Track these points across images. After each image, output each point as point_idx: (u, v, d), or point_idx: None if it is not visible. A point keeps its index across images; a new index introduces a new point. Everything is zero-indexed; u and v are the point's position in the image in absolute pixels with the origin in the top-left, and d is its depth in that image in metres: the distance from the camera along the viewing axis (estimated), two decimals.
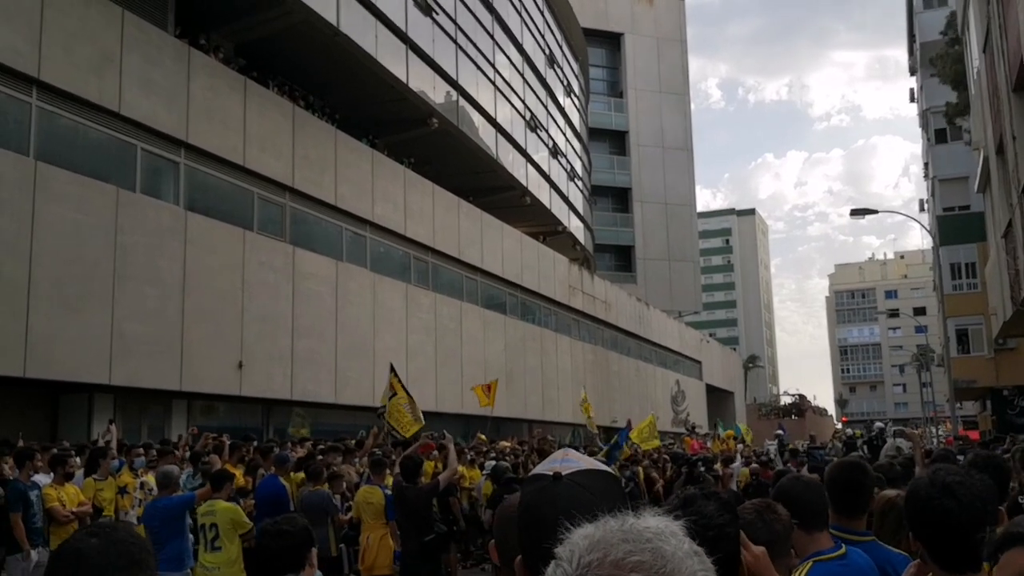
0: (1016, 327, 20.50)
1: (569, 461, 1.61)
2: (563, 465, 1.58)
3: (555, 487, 1.54)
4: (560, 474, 1.55)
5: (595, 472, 1.59)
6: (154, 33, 18.04)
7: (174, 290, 17.68)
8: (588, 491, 1.52)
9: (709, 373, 63.91)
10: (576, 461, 1.61)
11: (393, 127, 27.74)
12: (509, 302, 33.69)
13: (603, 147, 61.08)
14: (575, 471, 1.57)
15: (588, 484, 1.54)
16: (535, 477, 1.61)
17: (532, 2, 39.88)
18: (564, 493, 1.52)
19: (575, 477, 1.55)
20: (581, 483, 1.54)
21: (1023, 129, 15.28)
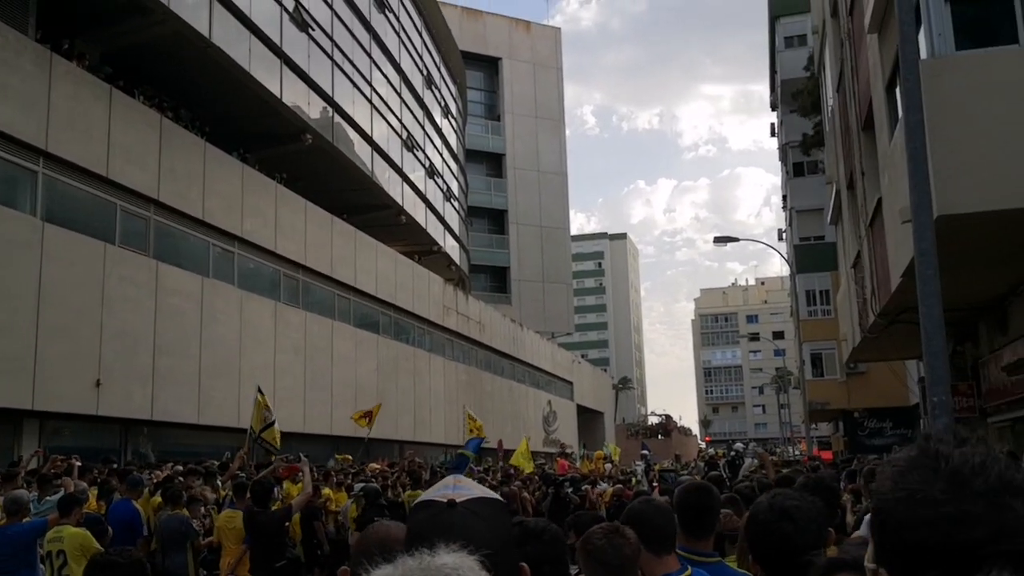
0: (864, 353, 21.57)
1: (461, 488, 1.58)
2: (456, 492, 1.56)
3: (449, 515, 1.51)
4: (455, 501, 1.53)
5: (487, 500, 1.58)
6: (12, 36, 17.24)
7: (27, 304, 16.87)
8: (481, 519, 1.51)
9: (580, 394, 64.84)
10: (468, 488, 1.59)
11: (265, 142, 27.25)
12: (382, 321, 33.44)
13: (480, 169, 61.52)
14: (468, 499, 1.55)
15: (481, 512, 1.53)
16: (427, 504, 1.57)
17: (410, 23, 39.95)
18: (458, 521, 1.50)
19: (469, 505, 1.53)
20: (475, 511, 1.52)
21: (871, 165, 16.17)
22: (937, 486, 1.10)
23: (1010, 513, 1.06)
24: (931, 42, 10.61)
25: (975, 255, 11.72)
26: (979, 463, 1.11)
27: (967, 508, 1.08)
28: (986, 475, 1.09)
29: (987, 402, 16.14)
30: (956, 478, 1.10)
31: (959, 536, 1.06)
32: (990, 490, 1.08)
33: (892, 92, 13.15)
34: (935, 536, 1.08)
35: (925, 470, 1.13)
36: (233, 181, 23.97)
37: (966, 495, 1.08)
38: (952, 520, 1.07)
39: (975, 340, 16.87)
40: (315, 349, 27.52)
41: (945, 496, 1.09)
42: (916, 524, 1.10)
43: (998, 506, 1.07)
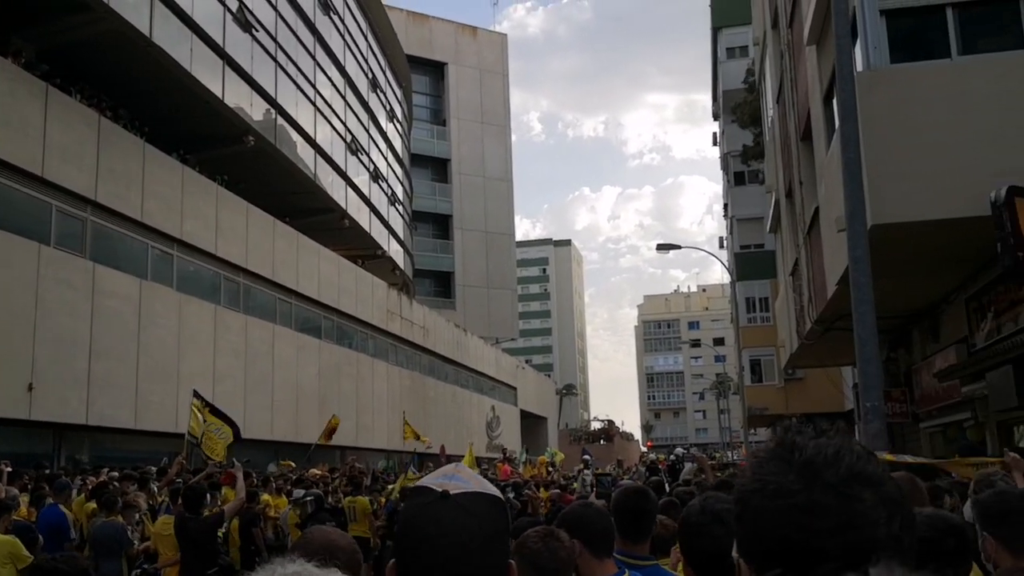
0: (802, 359, 21.97)
1: (459, 479, 1.56)
2: (452, 483, 1.53)
3: (441, 506, 1.49)
4: (448, 492, 1.50)
5: (482, 496, 1.54)
6: None
7: None
8: (473, 515, 1.49)
9: (524, 399, 64.95)
10: (466, 480, 1.56)
11: (207, 143, 26.86)
12: (324, 326, 33.16)
13: (425, 173, 61.39)
14: (463, 492, 1.52)
15: (473, 508, 1.50)
16: (422, 490, 1.54)
17: (356, 26, 39.75)
18: (449, 514, 1.48)
19: (462, 499, 1.50)
20: (467, 506, 1.50)
21: (809, 175, 16.49)
22: (789, 477, 1.11)
23: (859, 504, 1.08)
24: (867, 55, 10.87)
25: (908, 264, 12.02)
26: (832, 454, 1.12)
27: (817, 498, 1.08)
28: (837, 466, 1.10)
29: (919, 407, 16.54)
30: (808, 469, 1.11)
31: (808, 526, 1.07)
32: (841, 481, 1.08)
33: (829, 103, 13.43)
34: (785, 526, 1.09)
35: (780, 461, 1.14)
36: (173, 182, 23.60)
37: (817, 485, 1.09)
38: (802, 510, 1.08)
39: (908, 347, 17.28)
40: (256, 353, 27.19)
41: (797, 487, 1.10)
42: (768, 514, 1.11)
43: (847, 497, 1.08)
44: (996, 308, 12.16)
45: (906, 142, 10.40)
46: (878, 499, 1.09)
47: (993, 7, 11.16)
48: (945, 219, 10.23)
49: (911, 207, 10.25)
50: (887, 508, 1.09)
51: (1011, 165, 9.88)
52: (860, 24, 11.01)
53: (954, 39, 10.93)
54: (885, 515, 1.08)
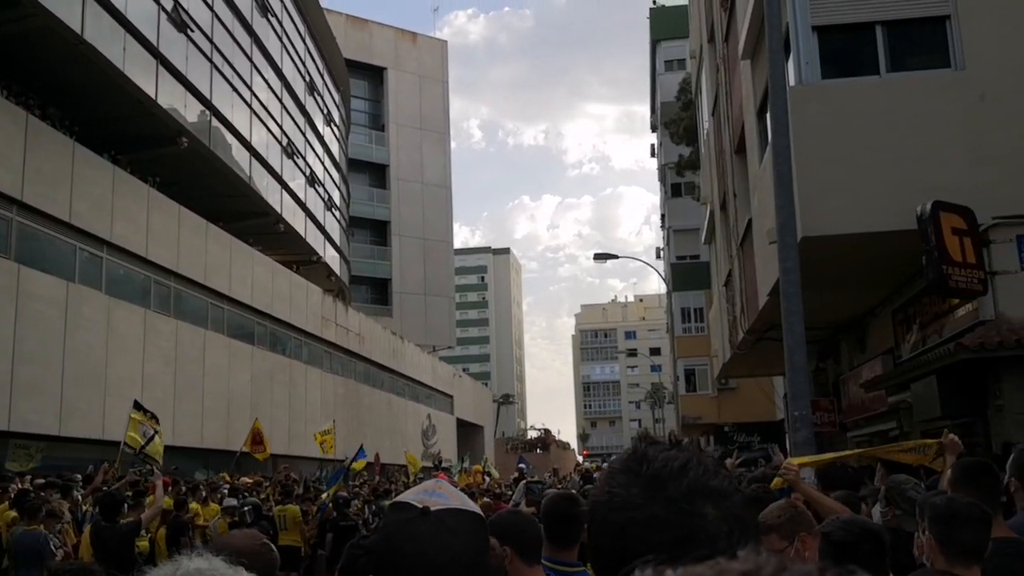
0: (734, 369, 22.29)
1: (440, 495, 1.55)
2: (434, 499, 1.52)
3: (422, 522, 1.48)
4: (429, 509, 1.49)
5: (463, 513, 1.53)
6: None
7: None
8: (454, 533, 1.47)
9: (461, 407, 64.80)
10: (447, 497, 1.56)
11: (139, 144, 26.31)
12: (258, 332, 32.69)
13: (363, 179, 60.98)
14: (444, 508, 1.51)
15: (455, 526, 1.49)
16: (403, 506, 1.53)
17: (294, 28, 39.37)
18: (429, 530, 1.46)
19: (443, 515, 1.49)
20: (448, 523, 1.49)
21: (743, 187, 16.76)
22: (634, 490, 1.11)
23: (699, 519, 1.07)
24: (799, 70, 11.09)
25: (837, 276, 12.27)
26: (678, 467, 1.11)
27: (657, 512, 1.08)
28: (682, 479, 1.10)
29: (846, 417, 16.88)
30: (653, 482, 1.10)
31: (647, 540, 1.07)
32: (683, 495, 1.08)
33: (763, 117, 13.66)
34: (625, 539, 1.08)
35: (629, 473, 1.13)
36: (103, 183, 23.07)
37: (659, 499, 1.08)
38: (641, 524, 1.08)
39: (836, 358, 17.63)
40: (186, 359, 26.67)
41: (640, 500, 1.10)
42: (612, 527, 1.10)
43: (688, 512, 1.07)
44: (921, 320, 12.48)
45: (836, 156, 10.62)
46: (720, 514, 1.08)
47: (921, 26, 11.47)
48: (873, 232, 10.47)
49: (840, 220, 10.47)
50: (728, 523, 1.08)
51: (936, 181, 10.16)
52: (793, 39, 11.22)
53: (883, 56, 11.20)
54: (726, 530, 1.07)
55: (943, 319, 11.67)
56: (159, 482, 9.94)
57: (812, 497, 4.89)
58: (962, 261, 9.73)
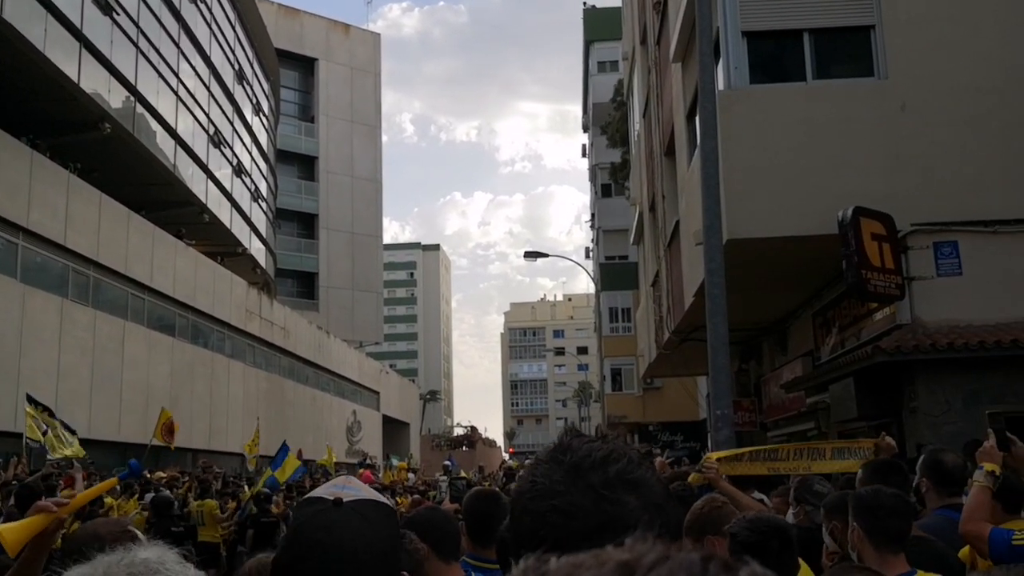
0: (659, 369, 22.54)
1: (351, 488, 1.56)
2: (344, 492, 1.54)
3: (334, 512, 1.49)
4: (341, 500, 1.51)
5: (374, 503, 1.55)
6: None
7: None
8: (367, 521, 1.49)
9: (387, 404, 64.39)
10: (357, 490, 1.57)
11: (59, 129, 25.51)
12: (179, 324, 31.99)
13: (291, 171, 60.18)
14: (356, 499, 1.53)
15: (367, 514, 1.51)
16: (313, 500, 1.55)
17: (224, 16, 38.63)
18: (341, 520, 1.48)
19: (355, 505, 1.51)
20: (361, 512, 1.50)
21: (671, 189, 16.94)
22: (556, 477, 1.12)
23: (619, 508, 1.08)
24: (728, 74, 11.23)
25: (760, 278, 12.47)
26: (601, 458, 1.12)
27: (576, 500, 1.09)
28: (605, 469, 1.11)
29: (767, 417, 17.19)
30: (575, 471, 1.11)
31: (565, 527, 1.07)
32: (605, 483, 1.09)
33: (692, 120, 13.82)
34: (544, 527, 1.09)
35: (553, 463, 1.14)
36: (20, 168, 22.31)
37: (579, 487, 1.09)
38: (559, 511, 1.09)
39: (759, 359, 17.94)
40: (104, 350, 25.97)
41: (560, 487, 1.10)
42: (531, 515, 1.11)
43: (608, 499, 1.08)
44: (840, 323, 12.76)
45: (761, 160, 10.79)
46: (641, 504, 1.09)
47: (847, 35, 11.72)
48: (795, 236, 10.67)
49: (764, 223, 10.64)
50: (648, 512, 1.09)
51: (858, 187, 10.39)
52: (723, 44, 11.37)
53: (809, 63, 11.42)
54: (646, 518, 1.08)
55: (861, 322, 11.95)
56: (78, 475, 9.64)
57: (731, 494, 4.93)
58: (881, 266, 9.97)
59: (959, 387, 10.10)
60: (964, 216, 10.56)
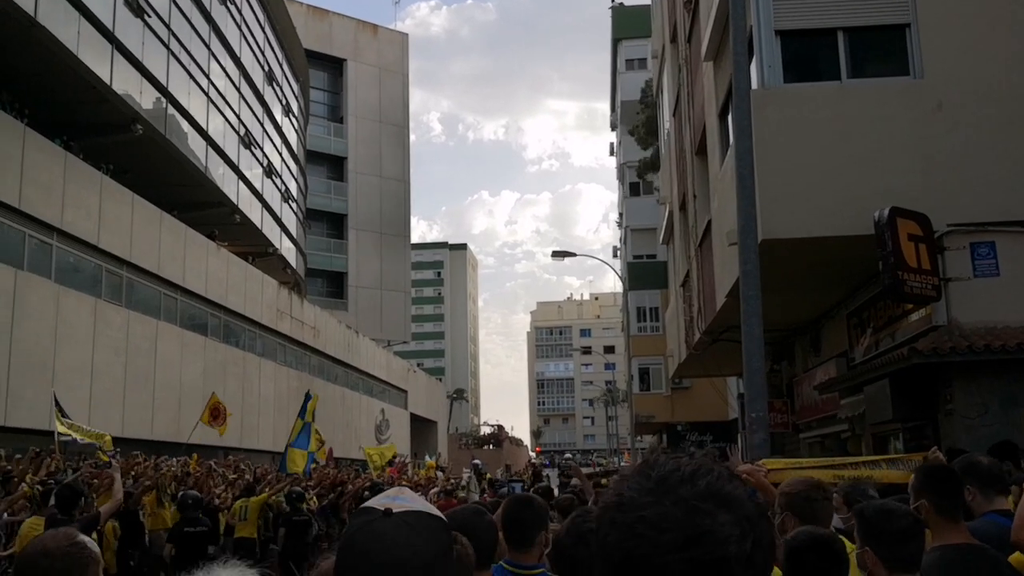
0: (689, 369, 22.44)
1: (402, 499, 1.59)
2: (396, 503, 1.56)
3: (383, 523, 1.50)
4: (391, 510, 1.52)
5: (425, 515, 1.57)
6: None
7: None
8: (416, 532, 1.51)
9: (414, 402, 64.58)
10: (410, 500, 1.59)
11: (92, 130, 25.79)
12: (211, 323, 32.26)
13: (320, 171, 60.50)
14: (406, 510, 1.55)
15: (416, 525, 1.52)
16: (364, 510, 1.57)
17: (253, 17, 38.89)
18: (391, 531, 1.49)
19: (405, 516, 1.53)
20: (410, 523, 1.52)
21: (703, 189, 16.85)
22: (645, 488, 1.12)
23: (709, 521, 1.07)
24: (762, 73, 11.15)
25: (794, 279, 12.38)
26: (690, 472, 1.12)
27: (665, 512, 1.08)
28: (694, 483, 1.10)
29: (800, 418, 17.06)
30: (663, 485, 1.11)
31: (654, 540, 1.06)
32: (694, 496, 1.09)
33: (724, 119, 13.74)
34: (631, 539, 1.08)
35: (641, 477, 1.14)
36: (54, 169, 22.58)
37: (669, 500, 1.09)
38: (649, 523, 1.08)
39: (791, 360, 17.80)
40: (137, 350, 26.24)
41: (648, 500, 1.10)
42: (618, 527, 1.10)
43: (698, 511, 1.07)
44: (875, 324, 12.63)
45: (796, 160, 10.71)
46: (733, 518, 1.08)
47: (881, 33, 11.60)
48: (831, 237, 10.57)
49: (800, 224, 10.56)
50: (741, 526, 1.08)
51: (894, 187, 10.28)
52: (756, 43, 11.29)
53: (844, 62, 11.31)
54: (738, 533, 1.07)
55: (897, 323, 11.83)
56: (117, 474, 9.73)
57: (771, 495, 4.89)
58: (917, 267, 9.86)
59: (996, 389, 9.98)
60: (1001, 216, 10.43)
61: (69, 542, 2.65)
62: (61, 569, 2.55)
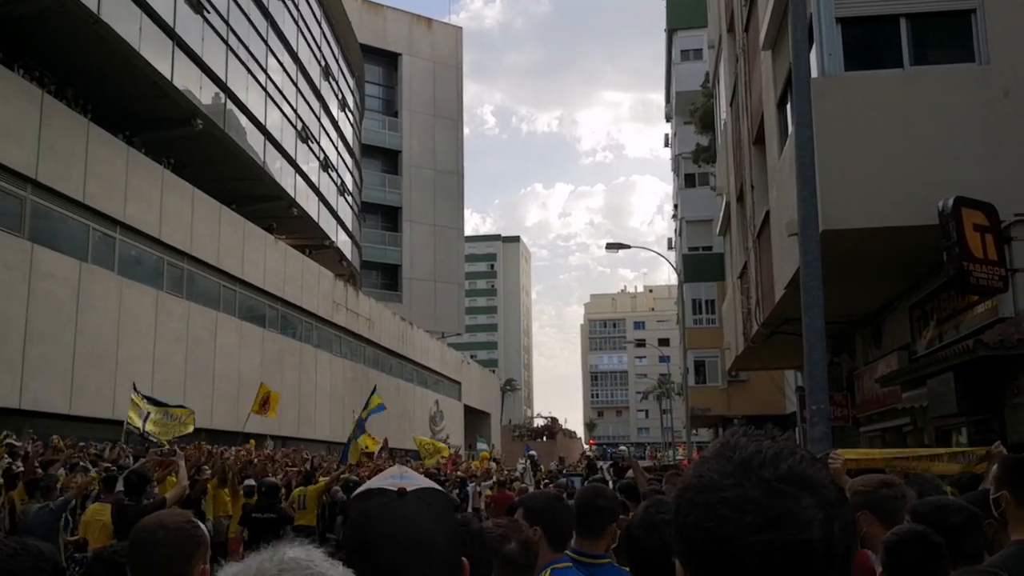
0: (746, 361, 22.20)
1: (408, 478, 1.58)
2: (404, 482, 1.55)
3: (400, 503, 1.50)
4: (405, 490, 1.52)
5: (433, 491, 1.57)
6: None
7: None
8: (433, 509, 1.51)
9: (468, 394, 64.89)
10: (414, 478, 1.59)
11: (153, 125, 26.32)
12: (269, 315, 32.74)
13: (375, 164, 60.97)
14: (418, 488, 1.54)
15: (432, 502, 1.53)
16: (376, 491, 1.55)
17: (310, 12, 39.28)
18: (410, 509, 1.49)
19: (420, 495, 1.53)
20: (427, 500, 1.52)
21: (761, 179, 16.63)
22: (725, 471, 1.10)
23: (791, 503, 1.06)
24: (822, 61, 10.97)
25: (855, 269, 12.17)
26: (772, 455, 1.10)
27: (747, 493, 1.07)
28: (776, 465, 1.09)
29: (860, 412, 16.78)
30: (744, 466, 1.10)
31: (735, 521, 1.05)
32: (777, 479, 1.07)
33: (783, 108, 13.54)
34: (712, 520, 1.07)
35: (721, 459, 1.13)
36: (117, 163, 23.08)
37: (751, 481, 1.08)
38: (730, 505, 1.07)
39: (851, 352, 17.52)
40: (197, 341, 26.74)
41: (729, 482, 1.09)
42: (698, 508, 1.09)
43: (781, 493, 1.06)
44: (939, 316, 12.37)
45: (858, 149, 10.52)
46: (815, 501, 1.07)
47: (946, 19, 11.33)
48: (894, 227, 10.37)
49: (862, 214, 10.37)
50: (824, 510, 1.06)
51: (958, 176, 10.05)
52: (816, 31, 11.10)
53: (907, 49, 11.08)
54: (821, 516, 1.05)
55: (961, 315, 11.57)
56: (182, 461, 9.93)
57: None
58: (983, 258, 9.63)
59: None
60: None
61: (185, 519, 2.75)
62: (176, 542, 2.62)
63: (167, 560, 2.62)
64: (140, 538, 2.70)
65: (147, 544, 2.67)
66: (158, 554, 2.63)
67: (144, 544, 2.68)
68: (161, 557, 2.62)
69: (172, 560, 2.63)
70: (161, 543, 2.63)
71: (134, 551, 2.73)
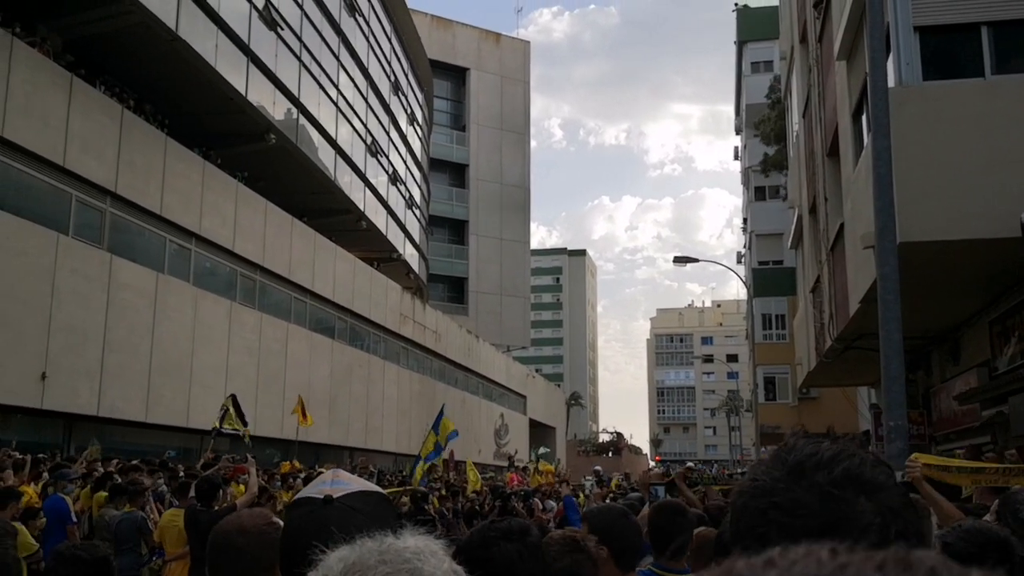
0: (818, 378, 21.78)
1: (340, 483, 1.56)
2: (334, 487, 1.54)
3: (325, 510, 1.48)
4: (331, 497, 1.50)
5: (368, 494, 1.55)
6: None
7: None
8: (361, 514, 1.48)
9: (533, 408, 64.79)
10: (347, 483, 1.57)
11: (228, 140, 26.93)
12: (338, 326, 33.14)
13: (443, 178, 61.45)
14: (347, 493, 1.52)
15: (361, 507, 1.50)
16: (304, 500, 1.54)
17: (380, 28, 39.82)
18: (335, 516, 1.47)
19: (347, 500, 1.51)
20: (353, 506, 1.50)
21: (835, 191, 16.34)
22: (777, 475, 1.08)
23: (846, 507, 1.02)
24: (899, 70, 10.73)
25: (933, 283, 11.86)
26: (827, 458, 1.08)
27: (800, 497, 1.04)
28: (830, 469, 1.06)
29: (936, 430, 16.34)
30: (797, 469, 1.08)
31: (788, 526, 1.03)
32: (831, 483, 1.04)
33: (858, 119, 13.29)
34: (765, 525, 1.05)
35: (776, 461, 1.11)
36: (193, 177, 23.64)
37: (803, 486, 1.05)
38: (780, 509, 1.04)
39: (928, 369, 17.07)
40: (269, 351, 27.17)
41: (782, 485, 1.06)
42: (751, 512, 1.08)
43: (836, 499, 1.03)
44: (1020, 332, 11.98)
45: (936, 160, 10.26)
46: (873, 506, 1.03)
47: None
48: (973, 239, 10.08)
49: (940, 226, 10.11)
50: (882, 516, 1.03)
51: None
52: (893, 40, 10.87)
53: (988, 57, 10.79)
54: (879, 522, 1.02)
55: None
56: (253, 468, 10.09)
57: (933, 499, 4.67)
58: None
59: None
60: None
61: (265, 521, 2.58)
62: (256, 545, 2.48)
63: (248, 570, 2.49)
64: (219, 542, 2.58)
65: (227, 550, 2.54)
66: (240, 562, 2.50)
67: (224, 550, 2.56)
68: (242, 564, 2.50)
69: (253, 570, 2.48)
70: (242, 548, 2.51)
71: (213, 555, 2.59)
